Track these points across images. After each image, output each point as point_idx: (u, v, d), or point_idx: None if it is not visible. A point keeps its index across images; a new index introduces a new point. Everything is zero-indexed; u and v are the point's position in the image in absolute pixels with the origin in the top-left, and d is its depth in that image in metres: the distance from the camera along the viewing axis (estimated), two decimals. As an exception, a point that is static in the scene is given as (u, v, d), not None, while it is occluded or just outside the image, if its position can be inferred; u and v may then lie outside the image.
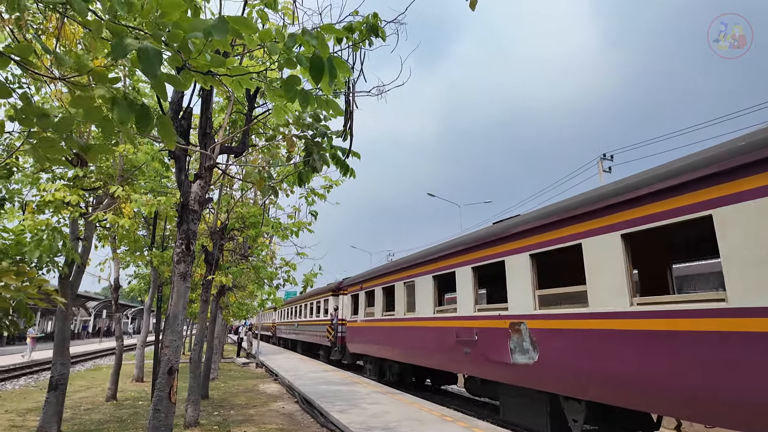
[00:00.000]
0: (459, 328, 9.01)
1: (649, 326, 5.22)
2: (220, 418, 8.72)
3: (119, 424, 8.07)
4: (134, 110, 1.94)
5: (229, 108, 5.77)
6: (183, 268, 4.50)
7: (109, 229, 8.93)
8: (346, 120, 4.75)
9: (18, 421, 8.32)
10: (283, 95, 2.20)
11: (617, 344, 5.59)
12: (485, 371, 8.27)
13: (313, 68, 2.04)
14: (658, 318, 5.13)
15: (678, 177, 5.04)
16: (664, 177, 5.23)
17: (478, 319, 8.48)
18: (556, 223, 6.75)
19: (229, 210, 9.18)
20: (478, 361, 8.32)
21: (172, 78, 2.05)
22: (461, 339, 8.82)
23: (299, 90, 2.16)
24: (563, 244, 6.59)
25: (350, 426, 7.36)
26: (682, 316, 4.87)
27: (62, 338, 7.40)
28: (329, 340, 19.50)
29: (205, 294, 8.92)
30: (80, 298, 45.64)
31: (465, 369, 9.12)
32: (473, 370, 8.75)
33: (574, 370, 6.17)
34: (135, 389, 12.70)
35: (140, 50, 1.74)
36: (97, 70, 1.84)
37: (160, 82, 1.98)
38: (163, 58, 2.16)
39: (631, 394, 5.43)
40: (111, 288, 12.01)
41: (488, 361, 7.97)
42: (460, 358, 8.91)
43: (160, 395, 4.20)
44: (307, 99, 2.20)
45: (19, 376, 16.47)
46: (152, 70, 1.65)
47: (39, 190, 6.67)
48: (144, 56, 1.73)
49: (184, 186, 4.62)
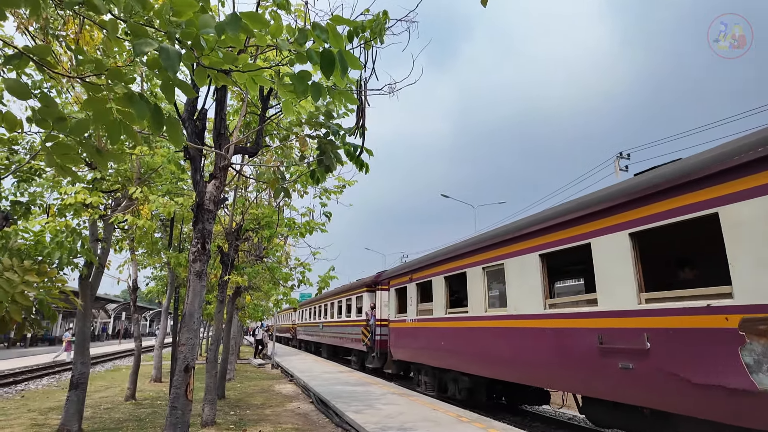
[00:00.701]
0: (605, 330, 6.05)
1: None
2: (236, 417, 8.79)
3: (138, 423, 8.19)
4: (150, 110, 1.97)
5: (243, 109, 5.83)
6: (198, 267, 4.55)
7: (127, 231, 9.10)
8: (358, 117, 4.76)
9: (40, 420, 8.50)
10: (294, 91, 2.22)
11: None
12: (675, 400, 5.21)
13: (324, 62, 2.05)
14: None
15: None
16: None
17: (652, 314, 5.45)
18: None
19: (244, 211, 9.27)
20: (653, 383, 5.36)
21: (182, 84, 2.07)
22: (611, 346, 5.92)
23: (311, 84, 2.17)
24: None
25: (365, 426, 7.35)
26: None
27: (82, 338, 7.55)
28: (364, 344, 16.49)
29: (221, 294, 9.01)
30: (100, 300, 46.61)
31: (614, 392, 5.98)
32: (639, 395, 5.63)
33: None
34: (153, 389, 12.89)
35: (161, 50, 1.77)
36: (114, 70, 1.87)
37: (170, 85, 2.01)
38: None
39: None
40: (129, 289, 12.22)
41: (682, 384, 5.03)
42: (604, 374, 6.01)
43: (177, 392, 4.25)
44: (320, 91, 2.21)
45: (42, 377, 16.84)
46: (173, 67, 1.68)
47: (60, 193, 6.83)
48: (165, 55, 1.77)
49: (200, 186, 4.68)
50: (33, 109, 1.81)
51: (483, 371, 8.97)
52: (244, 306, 17.10)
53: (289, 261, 11.60)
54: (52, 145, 1.95)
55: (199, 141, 4.79)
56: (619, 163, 21.52)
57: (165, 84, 1.97)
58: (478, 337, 9.09)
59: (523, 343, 7.73)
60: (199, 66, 2.17)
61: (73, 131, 1.85)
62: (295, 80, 2.15)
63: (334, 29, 2.07)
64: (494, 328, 8.63)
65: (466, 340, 9.56)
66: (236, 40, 2.01)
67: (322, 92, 2.25)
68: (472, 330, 9.35)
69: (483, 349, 8.91)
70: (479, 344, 9.06)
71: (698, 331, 4.95)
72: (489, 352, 8.70)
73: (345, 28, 4.41)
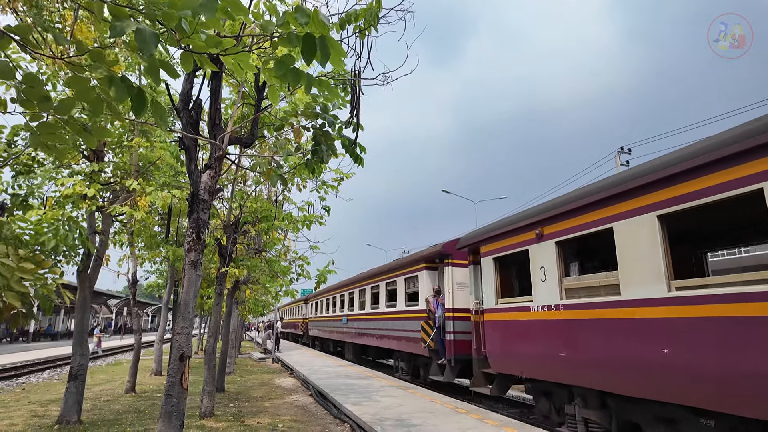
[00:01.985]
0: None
1: None
2: (235, 409, 8.84)
3: (137, 415, 8.24)
4: (131, 93, 1.97)
5: (238, 100, 5.83)
6: (194, 256, 4.56)
7: (126, 224, 9.12)
8: (352, 108, 4.75)
9: (40, 412, 8.56)
10: (277, 76, 2.20)
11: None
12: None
13: (306, 46, 2.03)
14: None
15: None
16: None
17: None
18: None
19: (241, 204, 9.29)
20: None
21: (165, 65, 2.07)
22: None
23: (290, 69, 2.16)
24: None
25: (363, 417, 7.38)
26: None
27: (81, 330, 7.59)
28: (426, 345, 11.42)
29: (219, 287, 9.04)
30: (102, 295, 46.83)
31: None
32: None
33: None
34: (153, 382, 12.96)
35: (137, 31, 1.77)
36: (96, 51, 1.87)
37: (154, 66, 2.01)
38: (161, 40, 2.19)
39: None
40: (129, 284, 12.26)
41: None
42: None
43: (172, 381, 4.28)
44: (299, 77, 2.20)
45: (43, 370, 16.95)
46: (148, 48, 1.68)
47: (57, 185, 6.85)
48: (140, 37, 1.76)
49: (194, 176, 4.69)
50: (17, 89, 1.81)
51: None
52: (245, 300, 17.16)
53: (288, 254, 11.61)
54: (38, 125, 1.95)
55: (193, 131, 4.80)
56: (620, 158, 21.47)
57: (150, 66, 1.97)
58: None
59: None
60: (184, 50, 2.16)
61: (58, 110, 1.85)
62: (276, 65, 2.14)
63: (317, 14, 2.06)
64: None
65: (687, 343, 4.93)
66: (216, 23, 2.00)
67: (302, 78, 2.23)
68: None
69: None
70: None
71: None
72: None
73: (338, 16, 4.41)
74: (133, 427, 7.16)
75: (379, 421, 7.10)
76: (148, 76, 2.05)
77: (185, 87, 4.87)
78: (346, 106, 6.53)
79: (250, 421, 7.70)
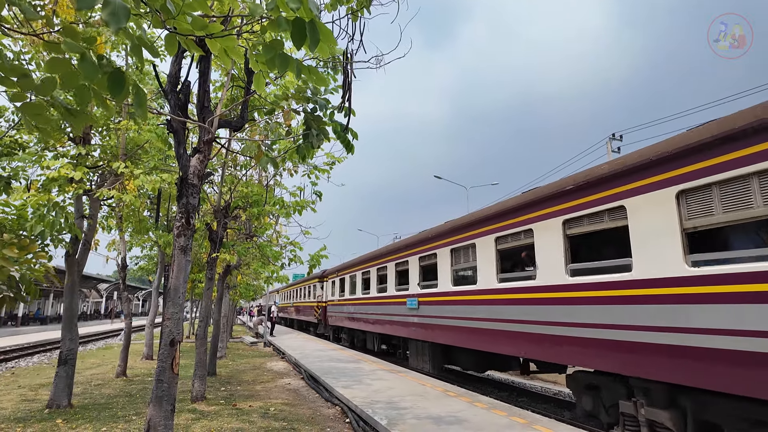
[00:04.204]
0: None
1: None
2: (226, 393, 8.88)
3: (128, 399, 8.25)
4: (106, 72, 1.89)
5: (227, 83, 5.71)
6: (183, 241, 4.51)
7: (114, 208, 9.00)
8: (344, 92, 4.68)
9: (30, 396, 8.53)
10: (264, 61, 2.14)
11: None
12: None
13: (295, 31, 1.97)
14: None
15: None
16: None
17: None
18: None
19: (232, 189, 9.20)
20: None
21: (144, 41, 2.00)
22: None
23: (278, 54, 2.10)
24: None
25: (353, 400, 7.46)
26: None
27: (70, 314, 7.53)
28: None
29: (210, 272, 9.00)
30: (92, 280, 46.54)
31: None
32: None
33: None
34: (144, 366, 12.96)
35: (105, 3, 1.68)
36: (68, 28, 1.80)
37: (137, 46, 1.93)
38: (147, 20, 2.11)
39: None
40: (118, 268, 12.17)
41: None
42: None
43: (163, 366, 4.26)
44: (287, 63, 2.14)
45: (33, 354, 16.87)
46: (117, 22, 1.60)
47: (42, 168, 6.71)
48: (110, 10, 1.68)
49: (183, 160, 4.60)
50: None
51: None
52: (236, 285, 17.14)
53: (279, 240, 11.56)
54: (22, 105, 1.88)
55: (182, 114, 4.70)
56: (611, 144, 21.54)
57: (133, 45, 1.91)
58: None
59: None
60: (169, 31, 2.09)
61: (40, 90, 1.79)
62: (264, 49, 2.08)
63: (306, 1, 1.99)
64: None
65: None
66: (203, 5, 1.93)
67: (290, 64, 2.18)
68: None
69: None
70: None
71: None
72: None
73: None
74: (124, 411, 7.17)
75: (370, 404, 7.18)
76: (132, 55, 1.98)
77: (173, 69, 4.75)
78: (338, 90, 6.44)
79: (242, 405, 7.75)
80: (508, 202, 8.49)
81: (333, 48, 2.22)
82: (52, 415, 6.84)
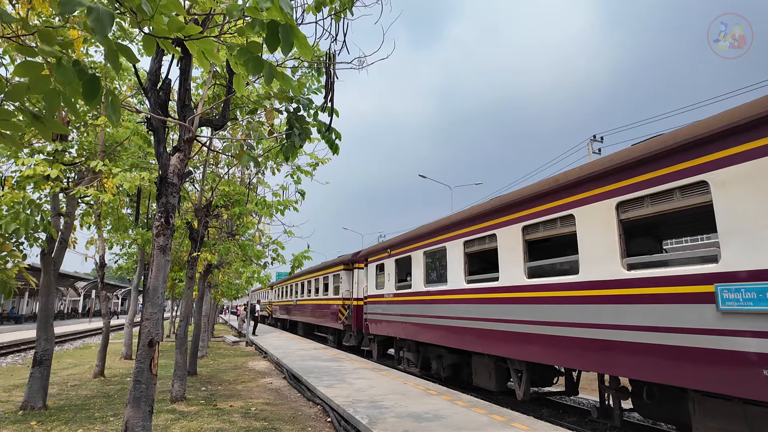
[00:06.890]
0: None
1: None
2: (207, 393, 8.80)
3: (106, 400, 8.12)
4: (82, 77, 1.87)
5: (209, 80, 5.66)
6: (162, 241, 4.46)
7: (92, 206, 8.84)
8: (327, 92, 4.69)
9: (3, 397, 8.33)
10: (241, 63, 2.14)
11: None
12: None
13: (270, 34, 1.97)
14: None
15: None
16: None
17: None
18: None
19: (213, 187, 9.11)
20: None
21: (124, 49, 1.98)
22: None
23: (252, 56, 2.10)
24: None
25: (335, 399, 7.47)
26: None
27: (46, 314, 7.36)
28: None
29: (190, 271, 8.90)
30: (69, 278, 45.40)
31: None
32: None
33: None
34: (123, 366, 12.75)
35: (89, 9, 1.67)
36: (43, 31, 1.77)
37: (113, 51, 1.92)
38: (122, 24, 2.09)
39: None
40: (97, 266, 11.93)
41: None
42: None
43: (141, 366, 4.23)
44: (261, 66, 2.14)
45: (6, 354, 16.44)
46: (102, 30, 1.59)
47: (18, 164, 6.55)
48: (94, 16, 1.67)
49: (163, 158, 4.56)
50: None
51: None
52: (218, 284, 16.96)
53: (262, 239, 11.49)
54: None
55: (162, 112, 4.65)
56: (592, 146, 21.90)
57: (108, 50, 1.89)
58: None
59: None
60: (145, 33, 2.08)
61: (10, 96, 1.76)
62: (239, 51, 2.08)
63: (277, 2, 1.98)
64: None
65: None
66: (177, 6, 1.92)
67: (264, 67, 2.18)
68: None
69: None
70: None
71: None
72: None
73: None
74: (101, 412, 7.05)
75: (352, 403, 7.20)
76: (108, 60, 1.96)
77: (153, 66, 4.69)
78: (321, 91, 6.43)
79: (223, 405, 7.70)
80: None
81: (311, 52, 2.22)
82: (26, 417, 6.69)
